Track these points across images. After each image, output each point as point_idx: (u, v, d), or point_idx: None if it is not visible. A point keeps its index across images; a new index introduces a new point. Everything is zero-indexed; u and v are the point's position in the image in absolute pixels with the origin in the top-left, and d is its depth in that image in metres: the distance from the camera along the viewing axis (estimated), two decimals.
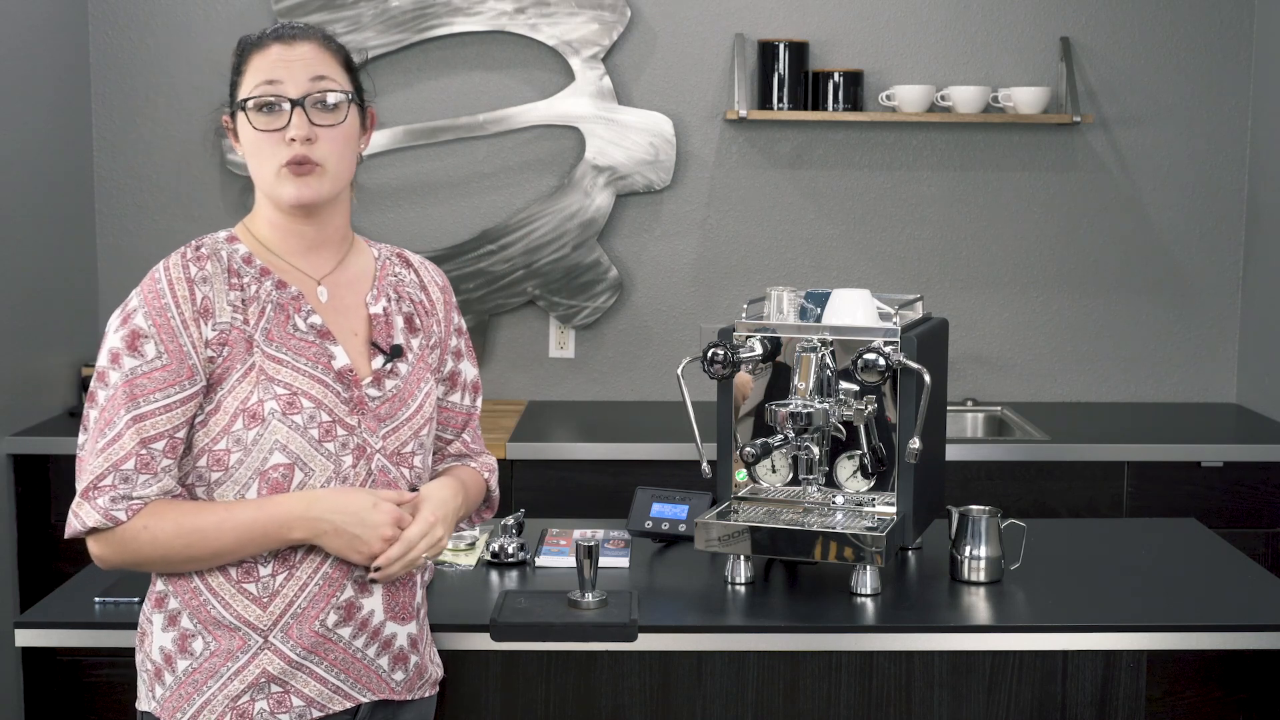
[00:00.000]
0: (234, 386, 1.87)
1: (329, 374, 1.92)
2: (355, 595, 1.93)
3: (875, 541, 2.33)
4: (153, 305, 1.86)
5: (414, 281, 2.07)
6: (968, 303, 4.20)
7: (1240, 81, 4.13)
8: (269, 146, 1.90)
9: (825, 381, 2.43)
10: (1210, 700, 2.37)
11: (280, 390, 1.88)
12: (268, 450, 1.87)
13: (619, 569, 2.53)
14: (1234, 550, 2.70)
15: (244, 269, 1.92)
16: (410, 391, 1.99)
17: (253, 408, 1.86)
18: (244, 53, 1.94)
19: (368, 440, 1.93)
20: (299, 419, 1.88)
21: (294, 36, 1.93)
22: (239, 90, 1.93)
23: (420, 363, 2.02)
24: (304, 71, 1.90)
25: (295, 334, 1.92)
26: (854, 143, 4.15)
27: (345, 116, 1.93)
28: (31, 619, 2.28)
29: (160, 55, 4.06)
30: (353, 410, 1.93)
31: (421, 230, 4.12)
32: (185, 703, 1.90)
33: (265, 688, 1.90)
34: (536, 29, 4.03)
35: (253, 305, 1.90)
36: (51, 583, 3.45)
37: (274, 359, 1.89)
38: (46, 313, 3.83)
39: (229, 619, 1.89)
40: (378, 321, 1.99)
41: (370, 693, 1.96)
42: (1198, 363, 4.23)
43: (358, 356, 1.96)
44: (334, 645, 1.92)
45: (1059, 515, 3.58)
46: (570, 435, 3.77)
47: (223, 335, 1.87)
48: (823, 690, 2.34)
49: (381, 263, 2.06)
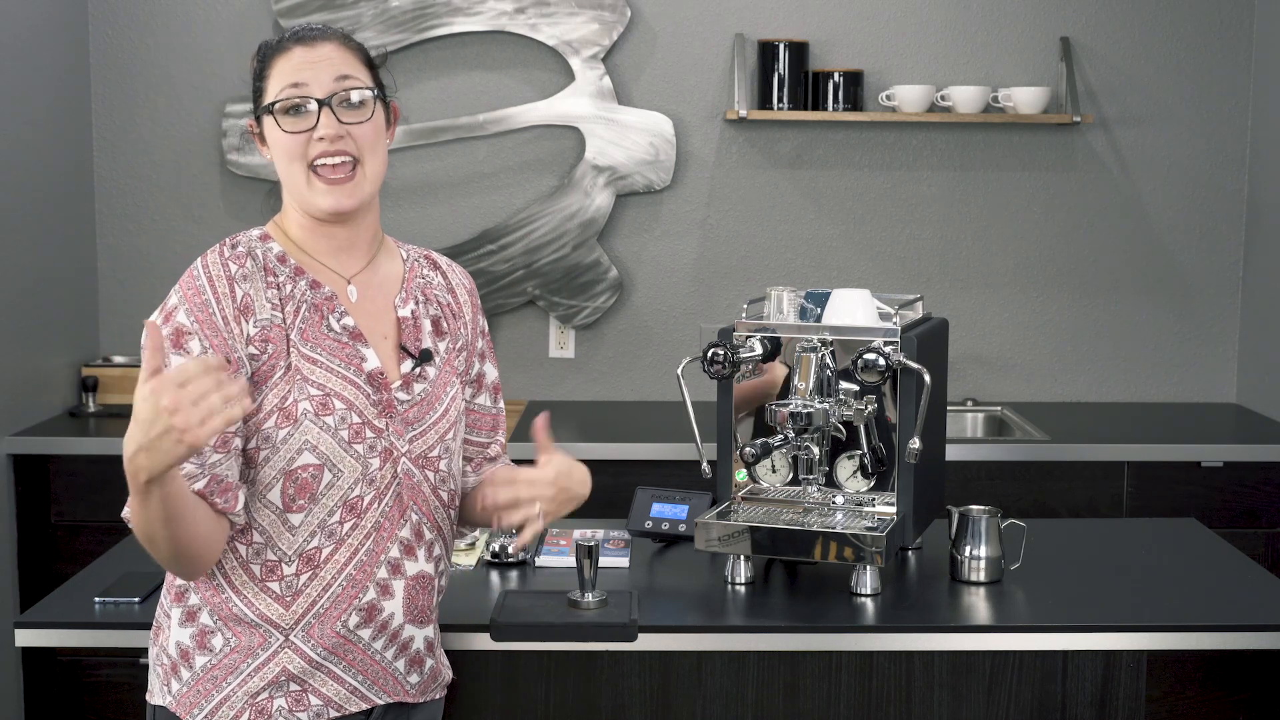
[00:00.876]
0: (275, 385, 1.86)
1: (360, 375, 1.91)
2: (377, 597, 1.93)
3: (875, 541, 2.33)
4: (194, 301, 1.85)
5: (441, 284, 2.07)
6: (968, 303, 4.20)
7: (1240, 81, 4.13)
8: (298, 148, 1.90)
9: (825, 381, 2.43)
10: (1210, 700, 2.37)
11: (314, 391, 1.87)
12: (296, 450, 1.86)
13: (619, 569, 2.53)
14: (1234, 550, 2.70)
15: (279, 268, 1.92)
16: (437, 395, 1.98)
17: (288, 408, 1.86)
18: (266, 58, 1.94)
19: (395, 443, 1.93)
20: (330, 420, 1.87)
21: (315, 38, 1.93)
22: (264, 95, 1.93)
23: (447, 366, 2.02)
24: (328, 71, 1.91)
25: (329, 334, 1.91)
26: (854, 143, 4.15)
27: (372, 113, 1.94)
28: (31, 619, 2.28)
29: (160, 55, 4.06)
30: (381, 413, 1.92)
31: (421, 230, 4.12)
32: (203, 698, 1.90)
33: (284, 686, 1.89)
34: (536, 29, 4.03)
35: (289, 304, 1.90)
36: (51, 583, 3.45)
37: (309, 359, 1.89)
38: (46, 313, 3.83)
39: (250, 616, 1.89)
40: (406, 325, 1.99)
41: (386, 695, 1.96)
42: (1198, 363, 4.23)
43: (387, 359, 1.96)
44: (354, 647, 1.92)
45: (1059, 515, 3.58)
46: (570, 435, 3.77)
47: (264, 332, 1.87)
48: (823, 690, 2.34)
49: (410, 265, 2.05)
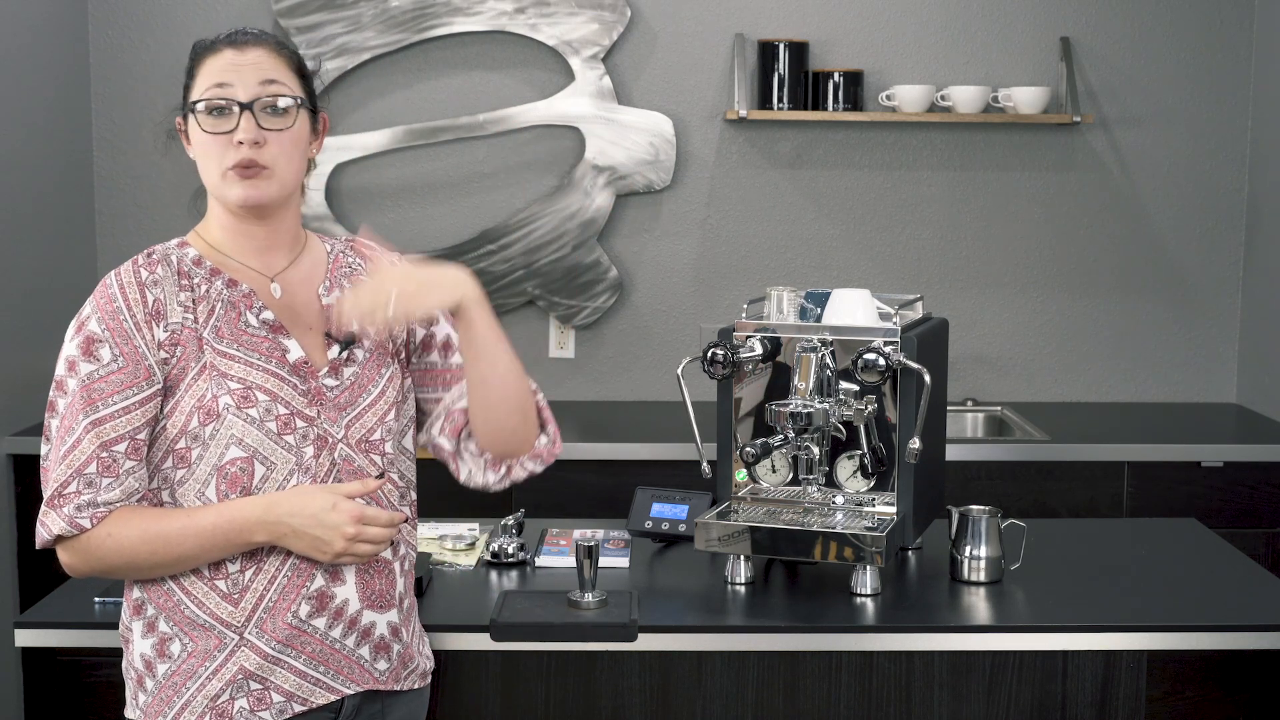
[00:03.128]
0: (190, 385, 1.89)
1: (284, 367, 1.93)
2: (326, 584, 1.93)
3: (875, 541, 2.33)
4: (105, 310, 1.88)
5: (370, 268, 2.07)
6: (968, 303, 4.20)
7: (1240, 81, 4.13)
8: (217, 149, 1.91)
9: (825, 381, 2.43)
10: (1210, 700, 2.37)
11: (234, 385, 1.89)
12: (224, 445, 1.88)
13: (619, 569, 2.53)
14: (1234, 550, 2.70)
15: (194, 270, 1.94)
16: (370, 378, 1.99)
17: (208, 404, 1.88)
18: (197, 56, 1.96)
19: (329, 431, 1.94)
20: (254, 412, 1.89)
21: (246, 42, 1.94)
22: (190, 93, 1.95)
23: (379, 348, 2.02)
24: (254, 75, 1.92)
25: (247, 330, 1.93)
26: (854, 143, 4.15)
27: (295, 121, 1.94)
28: (31, 619, 2.29)
29: (160, 55, 4.06)
30: (311, 402, 1.93)
31: (422, 230, 4.12)
32: (166, 706, 1.91)
33: (244, 685, 1.90)
34: (536, 29, 4.03)
35: (202, 304, 1.92)
36: (51, 583, 3.44)
37: (225, 355, 1.90)
38: (46, 313, 3.82)
39: (203, 618, 1.90)
40: (330, 312, 1.99)
41: (353, 684, 1.96)
42: (1198, 363, 4.23)
43: (314, 349, 1.96)
44: (309, 637, 1.92)
45: (1059, 515, 3.58)
46: (570, 435, 3.75)
47: (174, 336, 1.89)
48: (823, 690, 2.34)
49: (335, 255, 2.06)
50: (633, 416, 4.00)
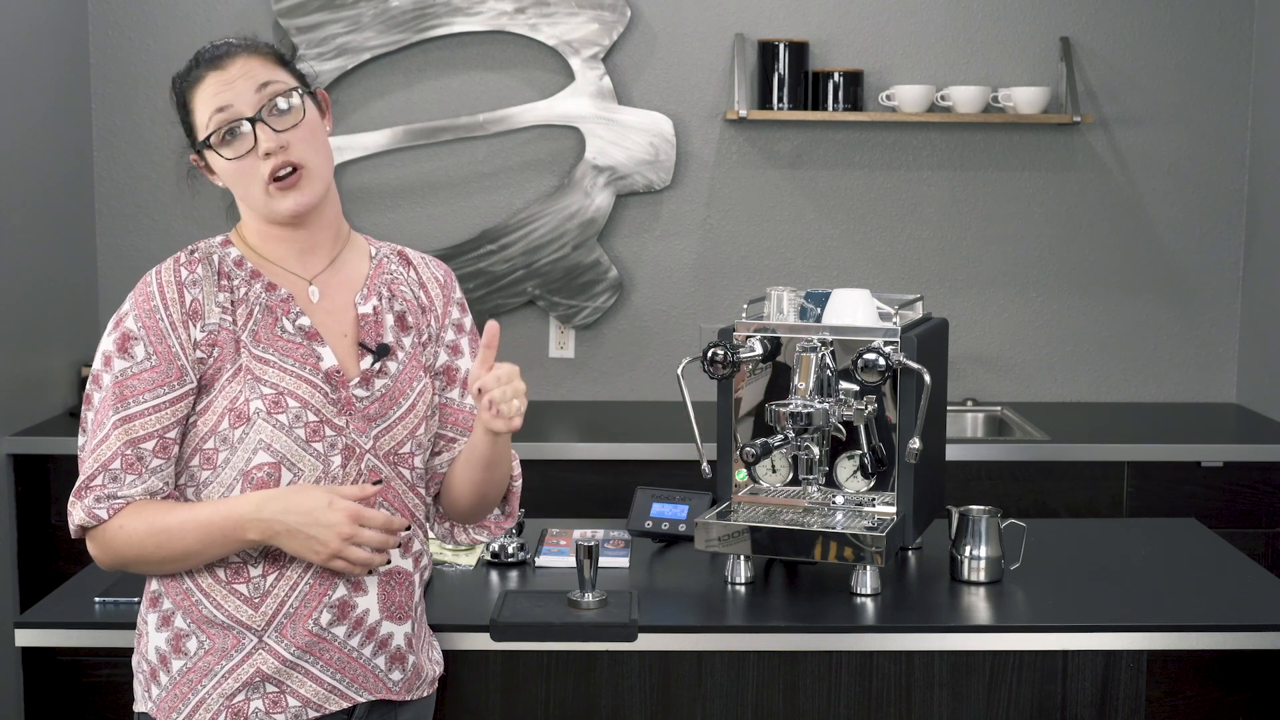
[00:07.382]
0: (224, 387, 1.89)
1: (317, 374, 1.92)
2: (349, 594, 1.93)
3: (875, 541, 2.33)
4: (143, 308, 1.89)
5: (413, 279, 2.06)
6: (968, 303, 4.20)
7: (1240, 81, 4.13)
8: (247, 170, 1.91)
9: (825, 381, 2.43)
10: (1210, 700, 2.37)
11: (266, 390, 1.89)
12: (252, 450, 1.88)
13: (619, 569, 2.53)
14: (1234, 550, 2.70)
15: (235, 271, 1.94)
16: (401, 390, 1.98)
17: (239, 407, 1.88)
18: (183, 91, 1.95)
19: (357, 441, 1.93)
20: (284, 418, 1.88)
21: (221, 56, 1.93)
22: (196, 130, 1.94)
23: (412, 361, 2.01)
24: (247, 85, 1.91)
25: (283, 335, 1.93)
26: (854, 143, 4.15)
27: (304, 111, 1.93)
28: (31, 619, 2.28)
29: (160, 55, 4.06)
30: (340, 411, 1.93)
31: (422, 230, 4.12)
32: (180, 701, 1.91)
33: (260, 687, 1.90)
34: (536, 29, 4.03)
35: (241, 307, 1.92)
36: (51, 583, 3.45)
37: (260, 359, 1.90)
38: (46, 313, 3.83)
39: (221, 618, 1.90)
40: (366, 321, 1.99)
41: (367, 693, 1.96)
42: (1198, 363, 4.23)
43: (346, 357, 1.96)
44: (329, 645, 1.92)
45: (1059, 515, 3.58)
46: (570, 435, 3.77)
47: (211, 336, 1.89)
48: (823, 690, 2.34)
49: (378, 261, 2.05)
50: (633, 416, 4.00)
